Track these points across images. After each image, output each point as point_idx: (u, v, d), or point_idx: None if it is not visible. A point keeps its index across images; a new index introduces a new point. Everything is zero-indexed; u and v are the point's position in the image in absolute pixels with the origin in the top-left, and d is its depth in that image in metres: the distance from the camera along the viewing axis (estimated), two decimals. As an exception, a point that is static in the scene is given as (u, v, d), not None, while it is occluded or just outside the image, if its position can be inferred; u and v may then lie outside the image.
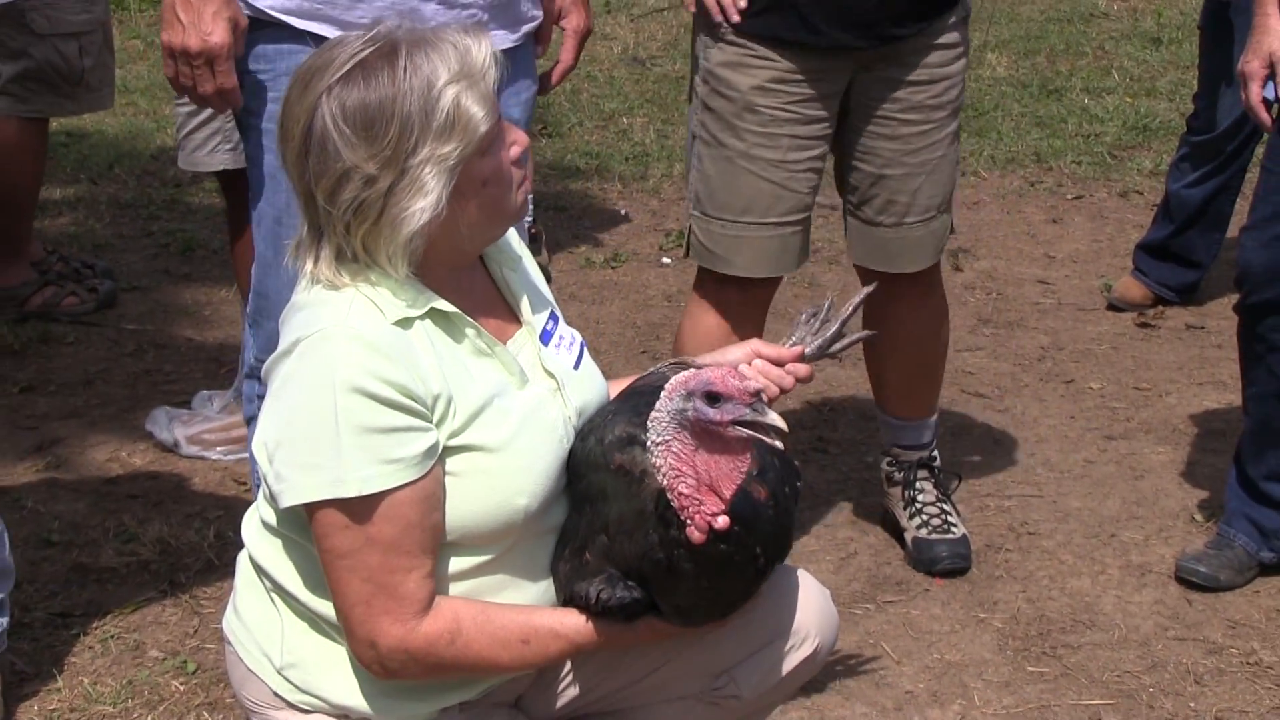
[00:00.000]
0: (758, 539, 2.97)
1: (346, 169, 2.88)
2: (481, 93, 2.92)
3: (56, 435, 5.42)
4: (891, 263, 4.53)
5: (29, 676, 4.14)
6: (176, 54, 3.57)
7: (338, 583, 2.99)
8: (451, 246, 3.02)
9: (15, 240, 6.23)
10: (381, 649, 2.99)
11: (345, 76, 2.90)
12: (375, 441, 2.90)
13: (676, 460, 2.87)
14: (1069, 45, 9.88)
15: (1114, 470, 5.27)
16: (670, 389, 2.88)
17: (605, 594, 3.02)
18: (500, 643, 3.05)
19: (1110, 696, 4.15)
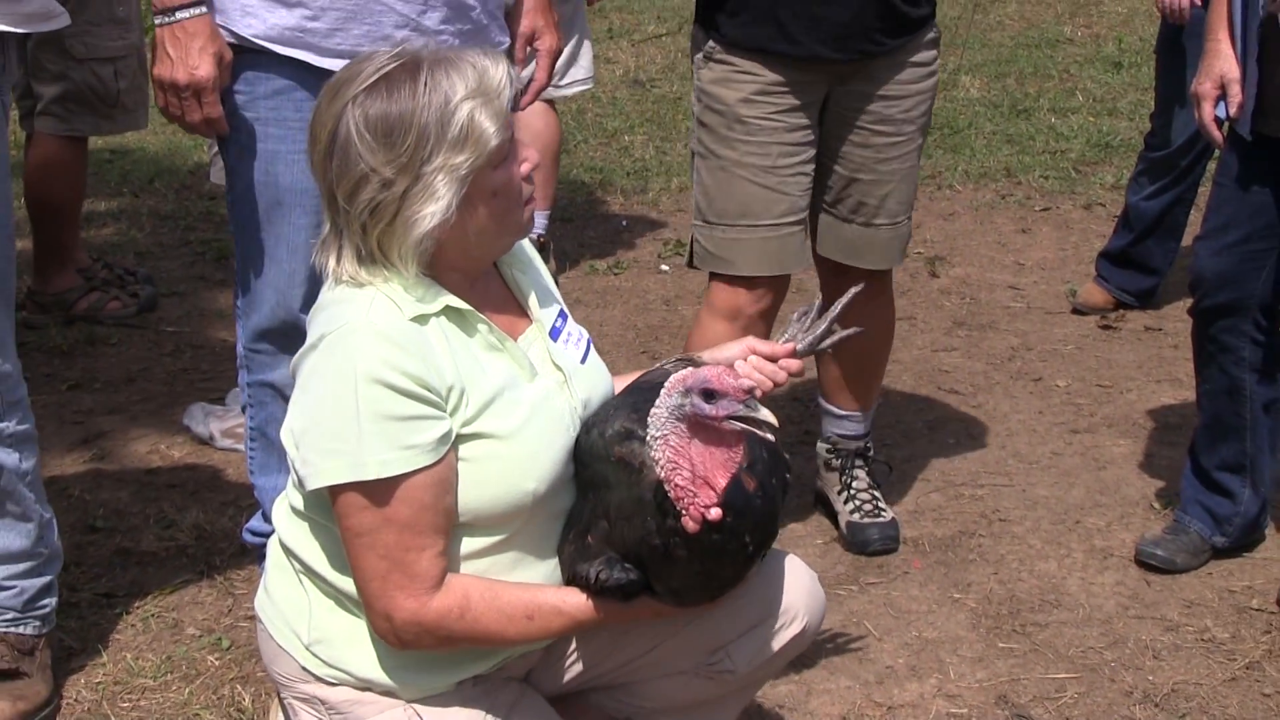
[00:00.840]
0: (747, 528, 2.98)
1: (365, 172, 2.90)
2: (495, 110, 2.93)
3: (101, 429, 5.43)
4: (859, 259, 4.54)
5: (76, 652, 4.14)
6: (166, 87, 3.60)
7: (357, 559, 3.00)
8: (462, 252, 3.02)
9: (62, 249, 6.23)
10: (396, 621, 2.99)
11: (370, 88, 2.92)
12: (393, 428, 2.90)
13: (674, 454, 2.88)
14: (1037, 69, 9.88)
15: (1079, 461, 5.27)
16: (669, 386, 2.89)
17: (604, 575, 3.02)
18: (507, 618, 3.05)
19: (1075, 671, 4.15)
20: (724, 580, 3.08)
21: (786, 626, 3.35)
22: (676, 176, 8.24)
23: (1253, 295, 4.39)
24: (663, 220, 7.69)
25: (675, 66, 10.47)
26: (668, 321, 6.45)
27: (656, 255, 7.22)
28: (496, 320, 3.10)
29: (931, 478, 5.15)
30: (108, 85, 6.00)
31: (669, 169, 8.37)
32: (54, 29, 3.78)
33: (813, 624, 3.39)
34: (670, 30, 11.31)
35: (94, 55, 5.93)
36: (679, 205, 7.88)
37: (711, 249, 4.43)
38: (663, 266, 7.09)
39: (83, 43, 5.86)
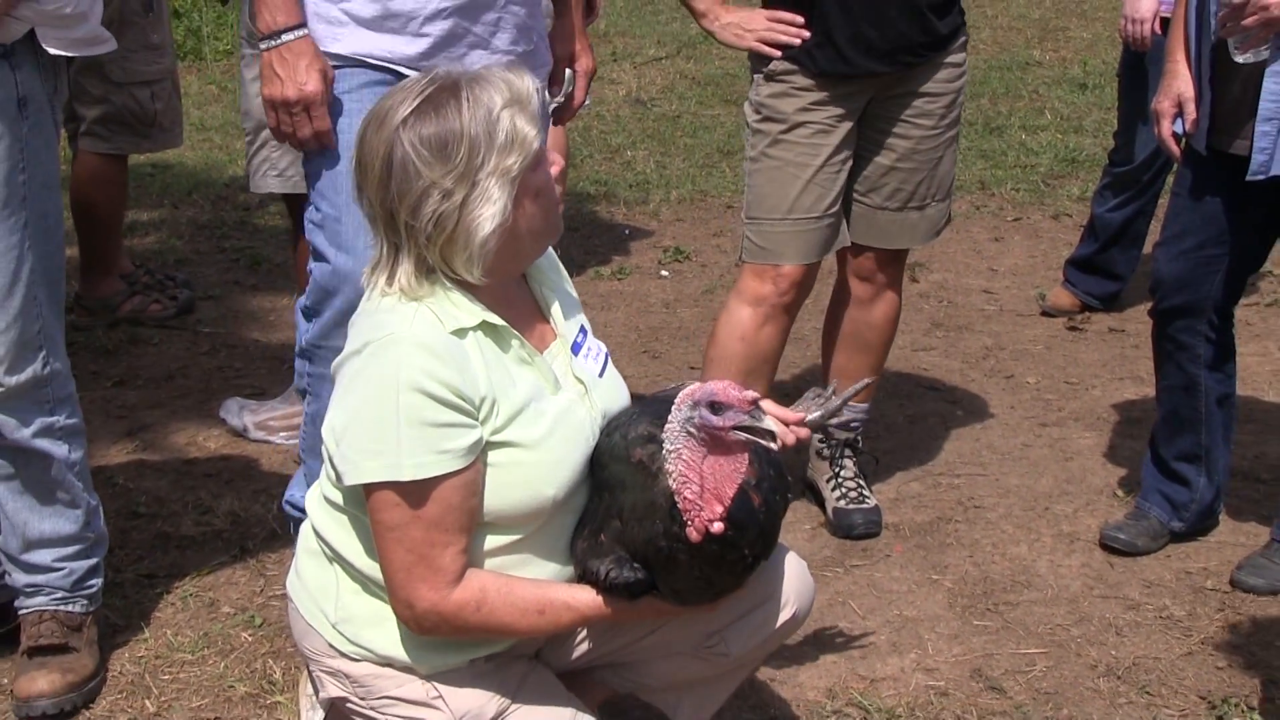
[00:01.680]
0: (747, 542, 2.99)
1: (426, 186, 2.90)
2: (531, 114, 2.96)
3: (143, 423, 5.42)
4: (890, 241, 4.69)
5: (121, 628, 4.14)
6: (278, 105, 3.58)
7: (385, 551, 2.99)
8: (513, 252, 3.03)
9: (106, 257, 6.24)
10: (417, 610, 2.99)
11: (417, 111, 2.93)
12: (429, 434, 2.90)
13: (686, 467, 2.89)
14: (1008, 89, 9.87)
15: (1047, 453, 5.27)
16: (680, 401, 2.91)
17: (614, 574, 3.02)
18: (519, 611, 3.05)
19: (1044, 646, 4.14)
20: (722, 586, 3.09)
21: (778, 613, 3.34)
22: (675, 189, 8.24)
23: (1207, 297, 4.40)
24: (662, 229, 7.68)
25: (674, 87, 10.46)
26: (667, 323, 6.45)
27: (656, 262, 7.21)
28: (526, 334, 3.10)
29: (912, 467, 5.15)
30: (145, 107, 6.01)
31: (668, 182, 8.36)
32: (101, 53, 3.78)
33: (802, 611, 3.39)
34: (669, 54, 11.30)
35: (132, 79, 5.94)
36: (678, 215, 7.87)
37: (761, 244, 4.53)
38: (662, 272, 7.08)
39: (121, 68, 5.86)
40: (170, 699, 3.88)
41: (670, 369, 5.94)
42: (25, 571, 3.89)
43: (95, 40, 3.69)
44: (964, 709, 3.87)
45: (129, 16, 5.84)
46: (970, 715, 3.85)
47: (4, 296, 3.61)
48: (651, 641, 3.34)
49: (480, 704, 3.15)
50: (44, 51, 3.59)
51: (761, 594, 3.31)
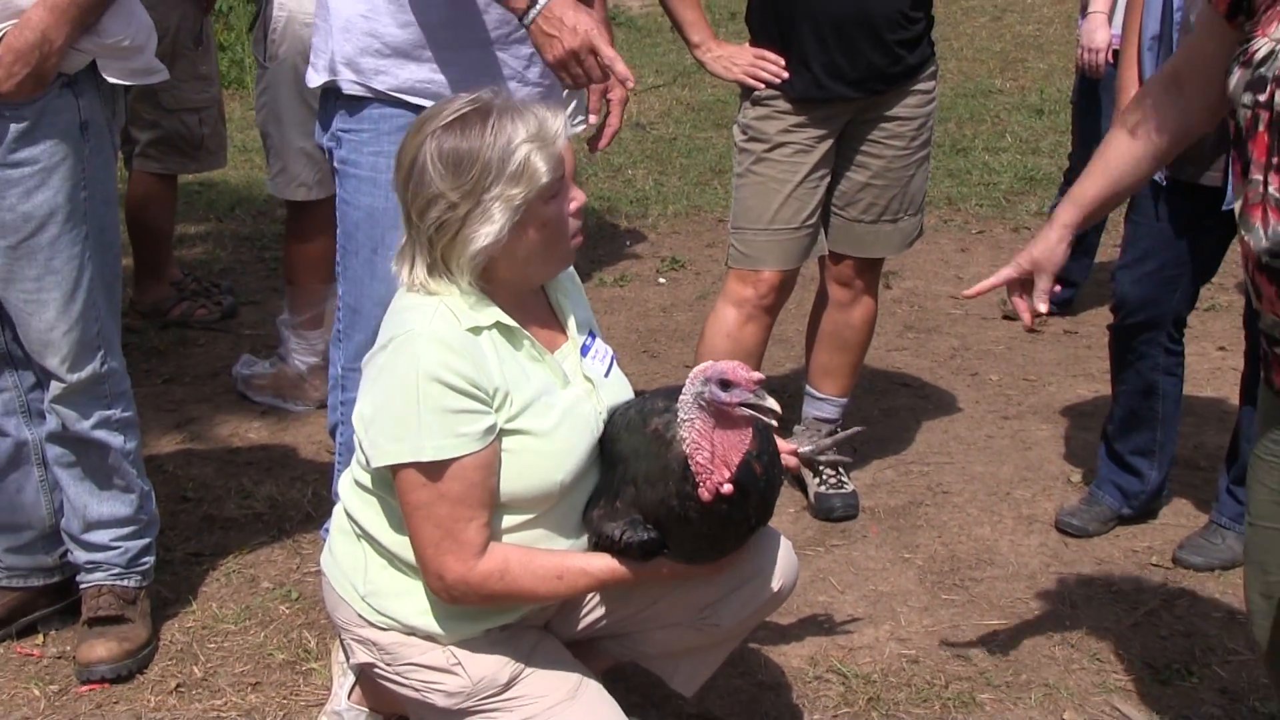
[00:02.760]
0: (751, 504, 3.03)
1: (435, 195, 2.94)
2: (550, 154, 2.96)
3: (191, 416, 5.42)
4: (866, 250, 4.69)
5: (171, 601, 4.14)
6: (565, 61, 3.37)
7: (414, 529, 3.01)
8: (513, 271, 3.05)
9: (158, 266, 6.25)
10: (448, 580, 3.00)
11: (447, 126, 2.96)
12: (448, 419, 2.92)
13: (698, 436, 2.93)
14: (972, 114, 9.87)
15: (1008, 443, 5.27)
16: (692, 376, 2.95)
17: (628, 534, 3.05)
18: (539, 578, 3.07)
19: (1005, 618, 4.14)
20: (727, 545, 3.12)
21: (766, 588, 3.35)
22: (672, 204, 8.22)
23: (1167, 313, 4.40)
24: (660, 241, 7.67)
25: (671, 112, 10.44)
26: (664, 326, 6.45)
27: (655, 270, 7.20)
28: (538, 335, 3.12)
29: (886, 456, 5.15)
30: (193, 131, 6.01)
31: (665, 198, 8.35)
32: (154, 82, 3.79)
33: (787, 587, 3.40)
34: (666, 82, 11.28)
35: (181, 106, 5.94)
36: (674, 228, 7.86)
37: (745, 251, 4.55)
38: (660, 280, 7.07)
39: (172, 96, 5.87)
40: (215, 665, 3.88)
41: (668, 368, 5.94)
42: (85, 550, 3.89)
43: (150, 71, 3.70)
44: (933, 675, 3.87)
45: (180, 50, 5.85)
46: (939, 680, 3.85)
47: (66, 302, 3.62)
48: (650, 614, 3.34)
49: (495, 669, 3.16)
50: (104, 80, 3.59)
51: (751, 571, 3.32)
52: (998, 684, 3.84)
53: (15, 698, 3.75)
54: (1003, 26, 12.47)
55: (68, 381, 3.70)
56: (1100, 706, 3.76)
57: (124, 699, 3.75)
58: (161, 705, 3.73)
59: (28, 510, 3.92)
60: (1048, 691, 3.81)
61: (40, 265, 3.58)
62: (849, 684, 3.82)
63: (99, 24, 3.50)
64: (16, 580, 3.96)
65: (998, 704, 3.76)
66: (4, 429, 3.83)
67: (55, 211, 3.56)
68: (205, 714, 3.69)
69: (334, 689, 3.50)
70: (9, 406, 3.83)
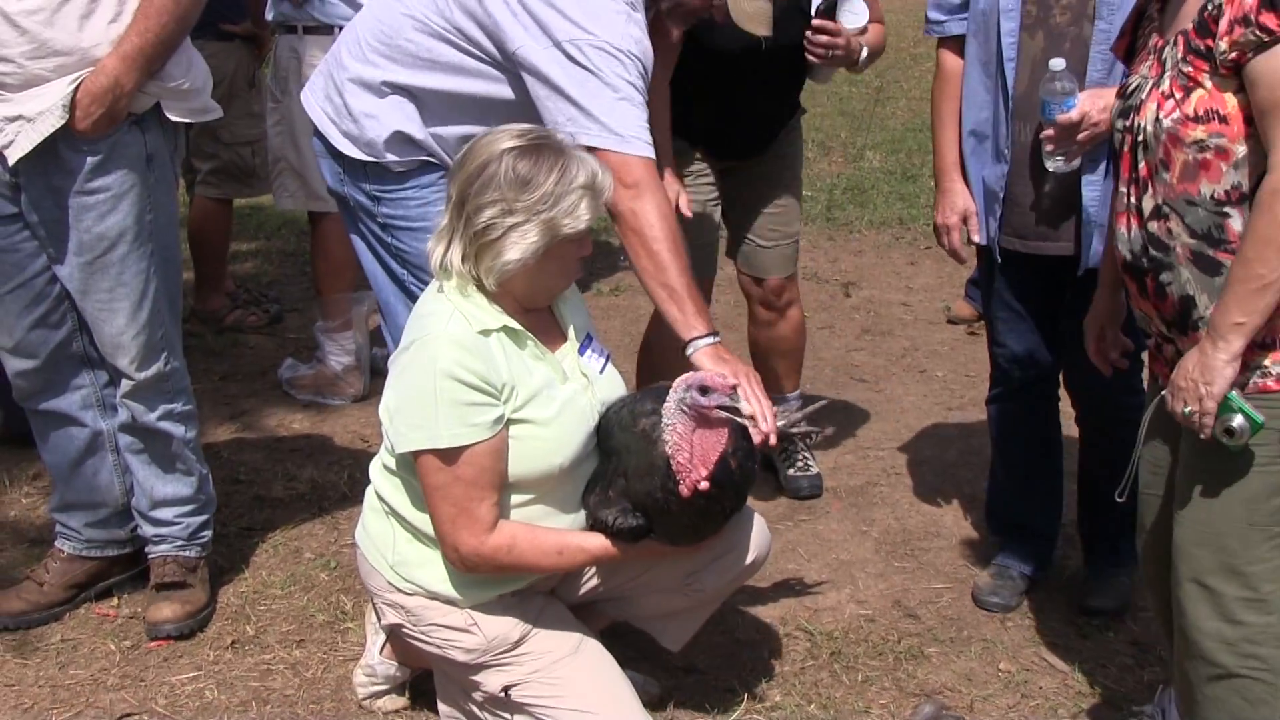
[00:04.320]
0: (726, 497, 3.05)
1: (497, 198, 2.94)
2: (594, 205, 2.99)
3: (243, 408, 5.42)
4: (766, 271, 4.61)
5: (226, 570, 4.14)
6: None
7: (433, 507, 3.01)
8: (526, 286, 3.06)
9: (215, 278, 6.26)
10: (462, 552, 3.01)
11: (523, 148, 2.97)
12: (461, 411, 2.93)
13: (679, 438, 2.94)
14: (920, 146, 9.86)
15: (953, 431, 5.27)
16: (676, 384, 2.97)
17: (620, 520, 3.06)
18: (543, 553, 3.08)
19: (950, 582, 4.15)
20: (705, 531, 3.13)
21: (743, 558, 3.36)
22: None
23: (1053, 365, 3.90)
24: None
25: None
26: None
27: (646, 282, 7.20)
28: (541, 337, 3.13)
29: (847, 443, 5.15)
30: (247, 162, 6.02)
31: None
32: (211, 119, 3.79)
33: (761, 556, 3.41)
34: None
35: (237, 140, 5.95)
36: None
37: None
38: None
39: (229, 131, 5.87)
40: (265, 625, 3.88)
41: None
42: (152, 525, 3.90)
43: (206, 110, 3.70)
44: (887, 632, 3.87)
45: (236, 92, 5.87)
46: (892, 636, 3.85)
47: (135, 310, 3.62)
48: (643, 580, 3.35)
49: (507, 629, 3.16)
50: (167, 119, 3.60)
51: (730, 543, 3.32)
52: (943, 639, 3.84)
53: (94, 651, 3.75)
54: (947, 70, 12.48)
55: (136, 379, 3.70)
56: (1030, 657, 3.76)
57: (186, 653, 3.75)
58: (219, 659, 3.72)
59: (103, 491, 3.92)
60: (986, 645, 3.81)
61: (112, 278, 3.58)
62: (814, 640, 3.82)
63: (162, 70, 3.51)
64: (94, 551, 3.96)
65: (943, 656, 3.76)
66: (82, 420, 3.84)
67: (125, 232, 3.56)
68: (256, 667, 3.69)
69: (368, 645, 3.50)
70: (86, 401, 3.83)
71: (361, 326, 5.61)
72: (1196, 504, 2.81)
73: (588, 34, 3.27)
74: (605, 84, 3.26)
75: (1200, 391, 2.67)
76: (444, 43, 3.44)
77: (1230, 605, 2.80)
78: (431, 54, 3.46)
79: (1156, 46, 2.82)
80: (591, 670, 3.21)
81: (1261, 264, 2.57)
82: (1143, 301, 2.87)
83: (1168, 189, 2.73)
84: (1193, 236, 2.71)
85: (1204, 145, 2.66)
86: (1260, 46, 2.55)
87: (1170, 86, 2.71)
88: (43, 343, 3.72)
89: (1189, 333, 2.78)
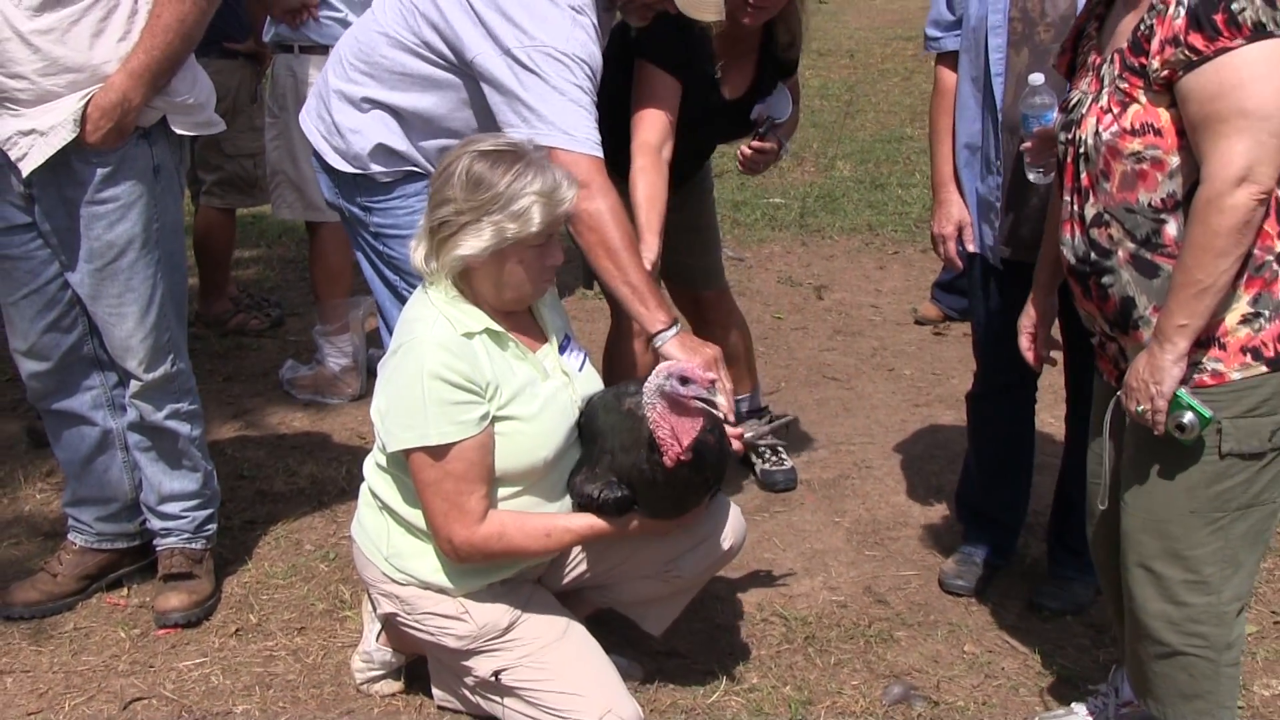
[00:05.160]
0: (707, 468, 3.07)
1: (450, 198, 2.95)
2: (549, 212, 2.96)
3: (247, 408, 5.41)
4: (703, 285, 4.61)
5: (230, 561, 4.14)
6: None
7: (426, 502, 3.02)
8: (489, 287, 3.06)
9: (219, 284, 6.25)
10: (455, 543, 3.02)
11: (483, 153, 2.97)
12: (449, 410, 2.93)
13: (659, 417, 2.97)
14: (888, 156, 9.89)
15: (920, 426, 5.27)
16: (658, 370, 2.99)
17: (605, 493, 3.09)
18: (531, 537, 3.09)
19: (917, 569, 4.16)
20: (688, 501, 3.15)
21: (719, 546, 3.37)
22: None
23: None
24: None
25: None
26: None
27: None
28: (522, 338, 3.13)
29: (819, 437, 5.15)
30: (249, 173, 6.01)
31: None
32: (214, 133, 3.79)
33: (737, 545, 3.42)
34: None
35: (240, 153, 5.94)
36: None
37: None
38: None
39: (233, 144, 5.86)
40: (268, 613, 3.88)
41: (639, 366, 5.93)
42: (160, 519, 3.90)
43: (210, 124, 3.70)
44: (858, 617, 3.88)
45: (239, 107, 5.85)
46: (863, 621, 3.86)
47: (143, 314, 3.62)
48: (625, 568, 3.36)
49: (497, 616, 3.17)
50: (173, 132, 3.60)
51: (708, 531, 3.34)
52: (911, 623, 3.85)
53: (105, 639, 3.75)
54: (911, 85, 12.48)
55: (144, 380, 3.70)
56: (994, 640, 3.77)
57: (193, 640, 3.75)
58: (224, 645, 3.72)
59: (113, 486, 3.91)
60: (952, 629, 3.83)
61: (121, 284, 3.58)
62: (789, 625, 3.83)
63: (168, 86, 3.51)
64: (105, 544, 3.96)
65: (911, 639, 3.77)
66: (93, 419, 3.83)
67: (133, 240, 3.56)
68: (260, 653, 3.69)
69: (364, 633, 3.50)
70: (97, 401, 3.83)
71: (358, 329, 5.61)
72: (1141, 494, 2.85)
73: (533, 40, 3.28)
74: (552, 87, 3.27)
75: (1151, 391, 2.71)
76: (414, 56, 3.48)
77: (1174, 588, 2.85)
78: (405, 68, 3.49)
79: (1095, 64, 2.85)
80: (578, 654, 3.21)
81: (1199, 270, 2.61)
82: (1087, 303, 2.91)
83: (1108, 198, 2.77)
84: (1132, 241, 2.76)
85: (1141, 156, 2.70)
86: (1189, 65, 2.59)
87: (1108, 102, 2.75)
88: (55, 346, 3.72)
89: (1130, 331, 2.82)
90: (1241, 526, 2.81)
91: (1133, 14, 2.76)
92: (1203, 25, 2.57)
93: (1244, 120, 2.54)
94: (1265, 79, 2.54)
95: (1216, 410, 2.71)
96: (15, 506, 4.52)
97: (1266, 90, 2.53)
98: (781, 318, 6.56)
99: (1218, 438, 2.74)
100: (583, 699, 3.13)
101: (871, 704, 3.46)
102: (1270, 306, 2.70)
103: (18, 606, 3.84)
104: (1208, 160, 2.59)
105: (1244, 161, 2.54)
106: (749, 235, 7.89)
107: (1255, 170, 2.55)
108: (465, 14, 3.36)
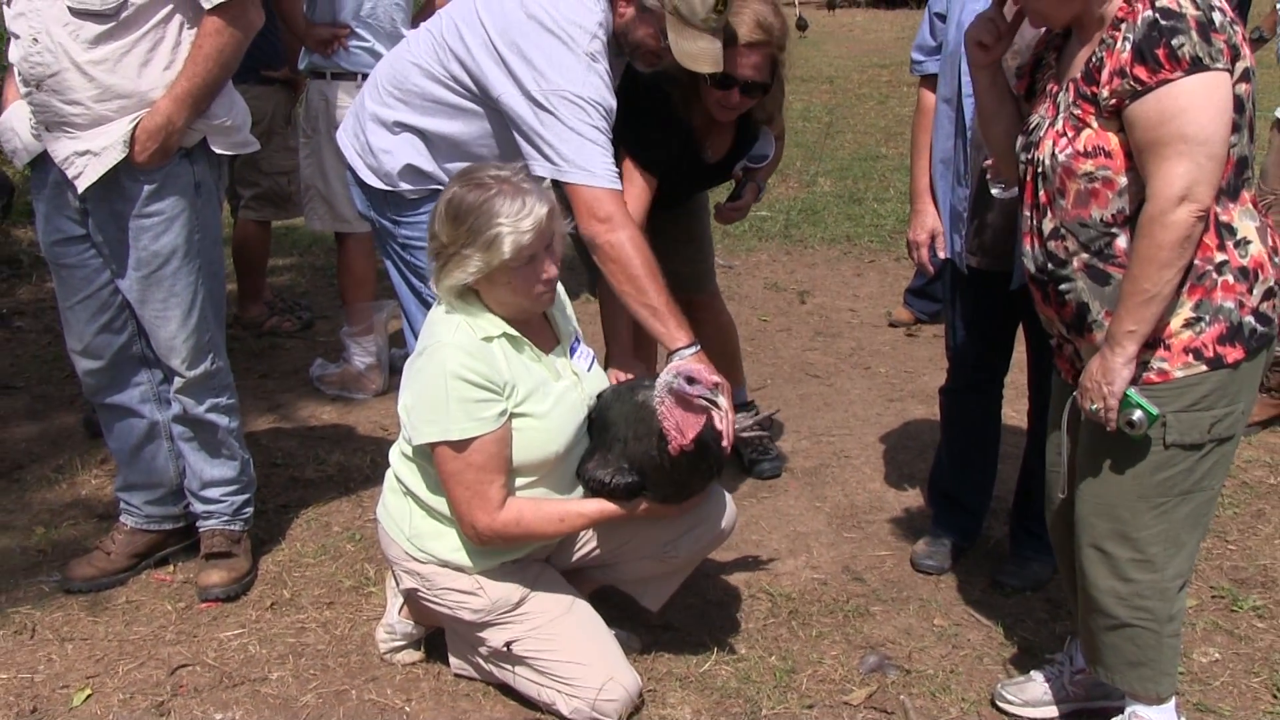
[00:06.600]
0: (710, 456, 3.09)
1: (435, 232, 2.98)
2: (516, 240, 2.91)
3: (280, 402, 5.41)
4: (695, 290, 4.54)
5: (265, 541, 4.15)
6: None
7: (450, 490, 3.02)
8: (494, 300, 3.05)
9: (255, 290, 6.24)
10: (478, 529, 3.03)
11: (463, 187, 2.96)
12: (470, 407, 2.93)
13: (668, 410, 3.01)
14: (865, 173, 9.89)
15: (894, 420, 5.28)
16: (668, 368, 3.02)
17: (617, 478, 3.10)
18: (547, 521, 3.09)
19: (892, 550, 4.16)
20: (693, 486, 3.17)
21: (712, 529, 3.38)
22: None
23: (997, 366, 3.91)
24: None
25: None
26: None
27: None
28: (536, 341, 3.13)
29: (802, 430, 5.16)
30: (284, 189, 6.01)
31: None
32: (250, 152, 3.80)
33: (728, 527, 3.43)
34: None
35: (275, 170, 5.93)
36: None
37: None
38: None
39: (268, 162, 5.86)
40: (299, 589, 3.89)
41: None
42: (202, 503, 3.91)
43: (246, 144, 3.71)
44: (838, 593, 3.89)
45: (275, 128, 5.86)
46: (842, 597, 3.87)
47: (185, 317, 3.63)
48: (626, 549, 3.36)
49: (509, 592, 3.18)
50: (212, 151, 3.60)
51: (702, 516, 3.34)
52: (885, 599, 3.86)
53: (154, 611, 3.77)
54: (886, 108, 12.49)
55: (186, 377, 3.71)
56: (961, 614, 3.78)
57: (232, 613, 3.76)
58: (260, 618, 3.73)
59: (160, 473, 3.93)
60: (922, 604, 3.84)
61: (165, 290, 3.59)
62: (775, 601, 3.84)
63: (208, 110, 3.52)
64: (153, 525, 3.97)
65: (885, 614, 3.78)
66: (142, 413, 3.85)
67: (176, 250, 3.57)
68: (292, 625, 3.70)
69: (388, 607, 3.51)
70: (144, 396, 3.84)
71: (381, 331, 5.62)
72: (1093, 481, 2.87)
73: (552, 84, 3.29)
74: (569, 128, 3.28)
75: (1104, 391, 2.73)
76: (443, 87, 3.49)
77: (1123, 566, 2.87)
78: (434, 97, 3.50)
79: (1052, 91, 2.86)
80: (582, 627, 3.23)
81: (1146, 280, 2.64)
82: (1046, 307, 2.93)
83: (1064, 213, 2.78)
84: (1086, 252, 2.77)
85: (1093, 176, 2.72)
86: (1135, 94, 2.61)
87: (1063, 126, 2.76)
88: (107, 346, 3.73)
89: (1085, 334, 2.84)
90: (1183, 510, 2.83)
91: (1085, 47, 2.78)
92: (1146, 59, 2.59)
93: (1184, 145, 2.56)
94: (1202, 108, 2.56)
95: (1161, 405, 2.73)
96: (73, 491, 4.53)
97: (1203, 118, 2.56)
98: (767, 320, 6.56)
99: (1162, 430, 2.76)
100: (587, 668, 3.14)
101: (849, 672, 3.47)
102: (1210, 312, 2.72)
103: (76, 581, 3.86)
104: (1152, 180, 2.61)
105: (1184, 182, 2.57)
106: (738, 245, 7.89)
107: (1195, 190, 2.57)
108: (490, 56, 3.38)
